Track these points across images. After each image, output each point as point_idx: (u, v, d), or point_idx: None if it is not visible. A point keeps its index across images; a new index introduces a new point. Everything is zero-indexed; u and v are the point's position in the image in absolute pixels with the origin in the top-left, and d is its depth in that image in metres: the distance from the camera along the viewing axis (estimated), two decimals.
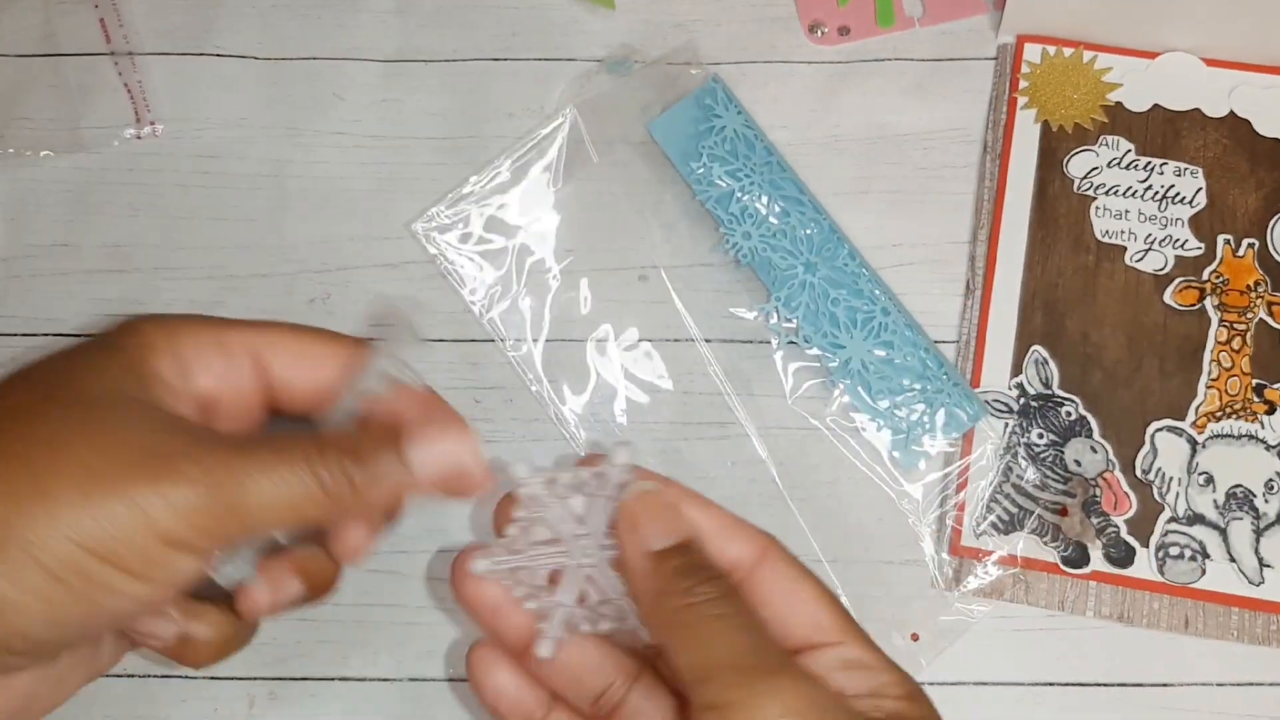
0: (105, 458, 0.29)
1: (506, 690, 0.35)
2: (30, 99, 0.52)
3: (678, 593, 0.30)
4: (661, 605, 0.30)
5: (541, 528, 0.34)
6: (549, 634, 0.34)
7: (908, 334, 0.47)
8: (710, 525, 0.33)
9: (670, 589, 0.30)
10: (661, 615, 0.30)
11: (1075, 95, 0.50)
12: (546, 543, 0.34)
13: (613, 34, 0.53)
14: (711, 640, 0.29)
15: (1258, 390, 0.47)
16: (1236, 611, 0.44)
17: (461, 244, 0.50)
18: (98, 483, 0.28)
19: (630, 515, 0.32)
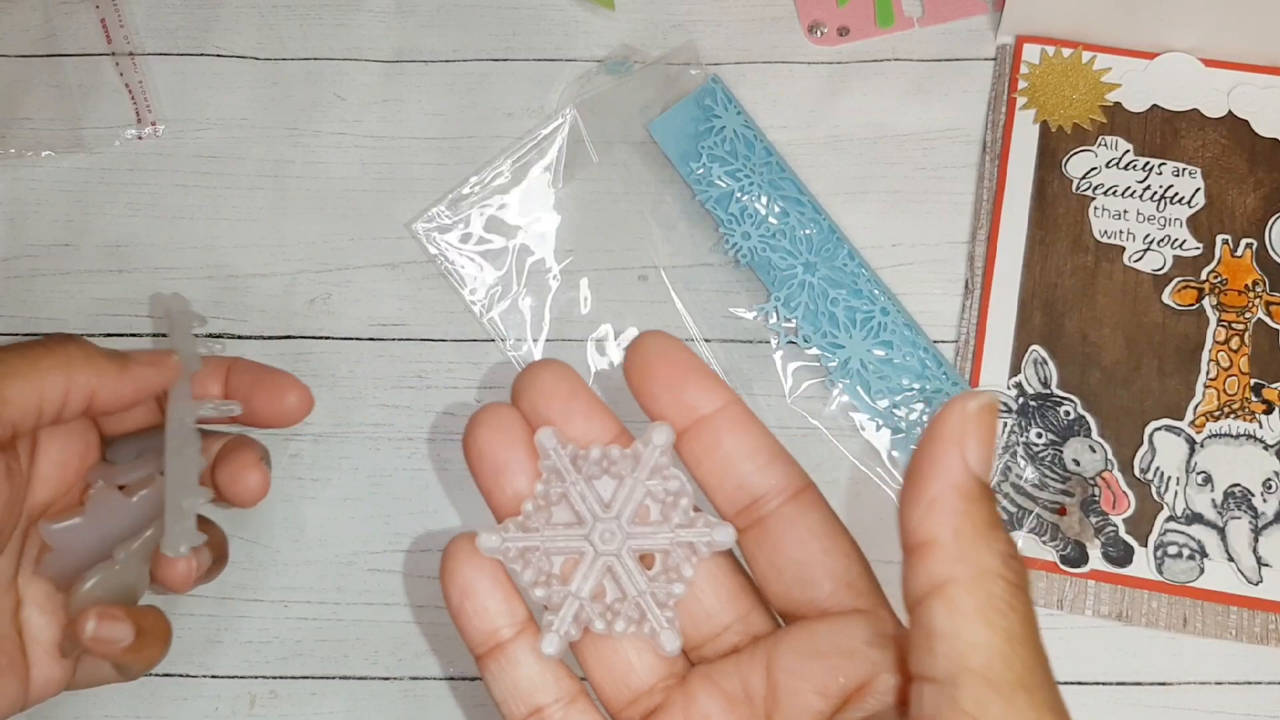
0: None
1: (477, 592, 0.31)
2: (31, 99, 0.52)
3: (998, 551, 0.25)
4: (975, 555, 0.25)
5: (562, 508, 0.31)
6: (556, 628, 0.30)
7: (907, 334, 0.47)
8: (753, 444, 0.31)
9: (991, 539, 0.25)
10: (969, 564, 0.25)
11: (1074, 95, 0.51)
12: (565, 525, 0.31)
13: (613, 34, 0.53)
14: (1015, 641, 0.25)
15: (1256, 390, 0.47)
16: (1235, 610, 0.44)
17: (462, 244, 0.50)
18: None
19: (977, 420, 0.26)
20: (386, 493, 0.47)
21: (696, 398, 0.31)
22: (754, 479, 0.30)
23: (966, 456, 0.25)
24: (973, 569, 0.25)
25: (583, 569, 0.31)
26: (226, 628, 0.46)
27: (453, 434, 0.48)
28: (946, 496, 0.25)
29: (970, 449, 0.25)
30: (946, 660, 0.24)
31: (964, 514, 0.25)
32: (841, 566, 0.30)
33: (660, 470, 0.31)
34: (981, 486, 0.26)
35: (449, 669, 0.46)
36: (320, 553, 0.47)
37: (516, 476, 0.31)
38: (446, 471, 0.48)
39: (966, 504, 0.25)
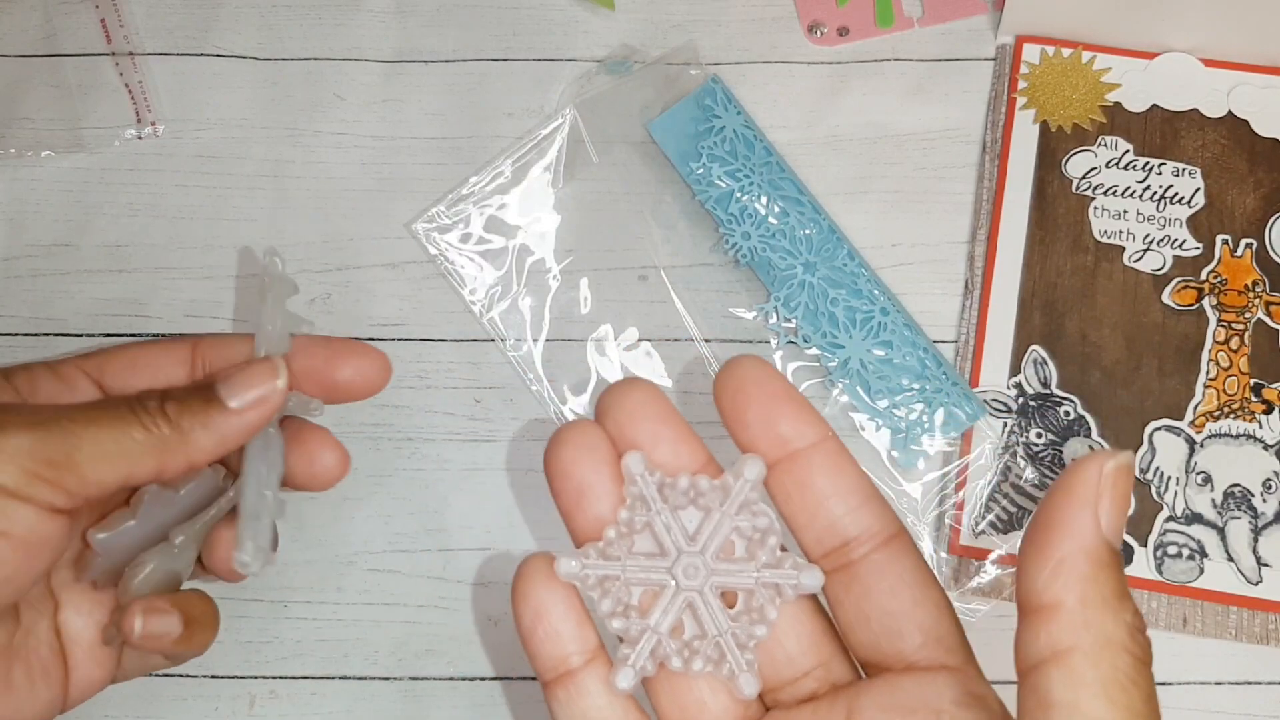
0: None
1: (550, 615, 0.29)
2: (31, 99, 0.52)
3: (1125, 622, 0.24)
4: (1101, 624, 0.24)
5: (645, 537, 0.30)
6: (632, 663, 0.29)
7: (906, 334, 0.47)
8: (847, 484, 0.29)
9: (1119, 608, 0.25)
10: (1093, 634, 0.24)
11: (1074, 95, 0.51)
12: (647, 555, 0.29)
13: (613, 34, 0.53)
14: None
15: (1256, 390, 0.47)
16: (1234, 610, 0.45)
17: (461, 244, 0.50)
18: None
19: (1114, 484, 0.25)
20: (386, 493, 0.47)
21: (790, 430, 0.30)
22: (845, 521, 0.29)
23: (1100, 518, 0.25)
24: (1097, 639, 0.24)
25: (663, 603, 0.29)
26: (226, 628, 0.46)
27: (453, 434, 0.48)
28: (1075, 559, 0.24)
29: (1104, 511, 0.25)
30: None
31: (1092, 580, 0.24)
32: (932, 620, 0.28)
33: (749, 506, 0.29)
34: (1113, 553, 0.25)
35: (449, 669, 0.46)
36: (320, 553, 0.47)
37: (600, 500, 0.30)
38: (446, 471, 0.48)
39: (1096, 569, 0.24)
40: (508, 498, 0.47)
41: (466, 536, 0.47)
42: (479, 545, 0.47)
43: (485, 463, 0.48)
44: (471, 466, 0.48)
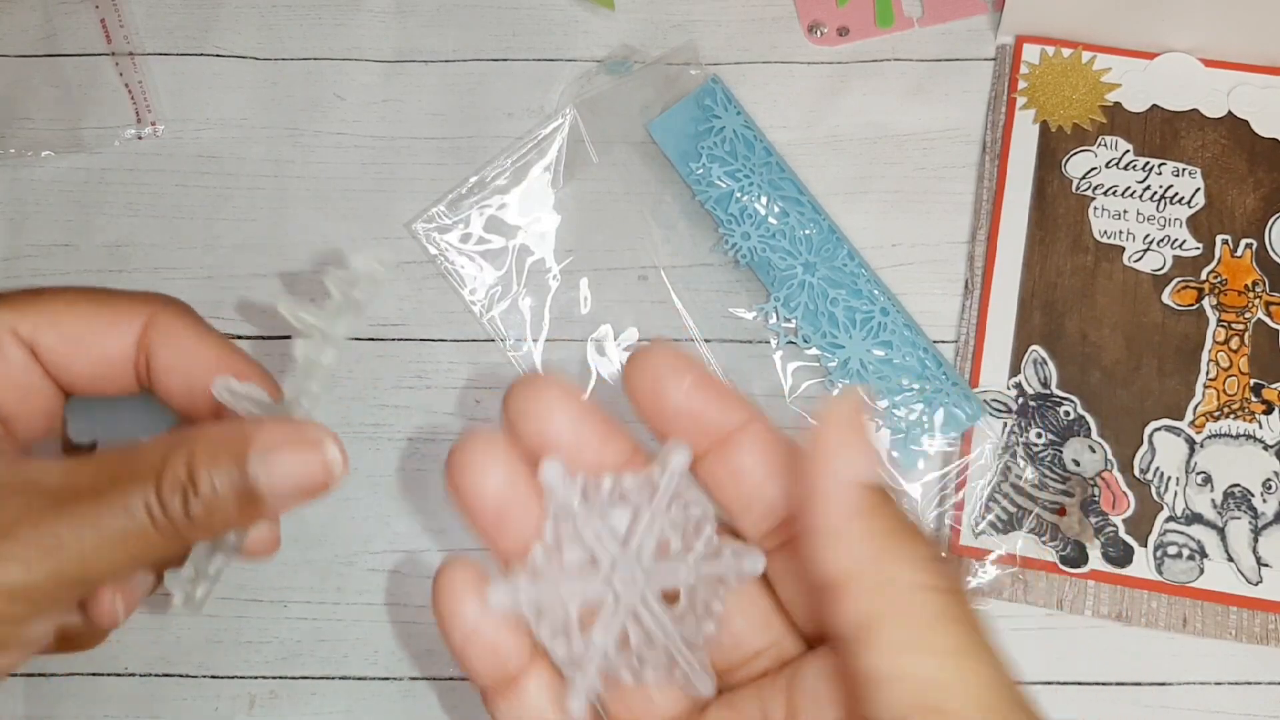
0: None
1: (481, 631, 0.27)
2: (31, 99, 0.52)
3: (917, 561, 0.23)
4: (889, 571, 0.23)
5: (575, 547, 0.28)
6: (580, 686, 0.27)
7: (906, 334, 0.47)
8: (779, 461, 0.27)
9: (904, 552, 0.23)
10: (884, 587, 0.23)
11: (1074, 95, 0.51)
12: (581, 569, 0.28)
13: (613, 34, 0.53)
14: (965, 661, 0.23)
15: (1256, 390, 0.47)
16: (1234, 611, 0.45)
17: (461, 244, 0.50)
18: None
19: (841, 428, 0.24)
20: (386, 493, 0.47)
21: (716, 416, 0.27)
22: (782, 499, 0.27)
23: (850, 470, 0.23)
24: (894, 595, 0.23)
25: (604, 619, 0.27)
26: (226, 628, 0.46)
27: (452, 434, 0.48)
28: (843, 525, 0.23)
29: (849, 462, 0.24)
30: (895, 708, 0.22)
31: (866, 536, 0.23)
32: None
33: (679, 497, 0.28)
34: (875, 495, 0.23)
35: (449, 669, 0.46)
36: (320, 553, 0.47)
37: (520, 519, 0.27)
38: None
39: (866, 524, 0.23)
40: None
41: (466, 537, 0.47)
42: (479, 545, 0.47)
43: None
44: None
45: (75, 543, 0.26)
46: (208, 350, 0.31)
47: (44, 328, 0.30)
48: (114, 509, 0.26)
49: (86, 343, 0.31)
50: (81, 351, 0.31)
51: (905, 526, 0.23)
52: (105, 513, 0.26)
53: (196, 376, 0.31)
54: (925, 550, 0.23)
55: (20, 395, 0.30)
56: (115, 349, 0.31)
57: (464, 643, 0.27)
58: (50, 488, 0.27)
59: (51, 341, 0.30)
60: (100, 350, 0.31)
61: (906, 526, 0.23)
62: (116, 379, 0.31)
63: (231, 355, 0.32)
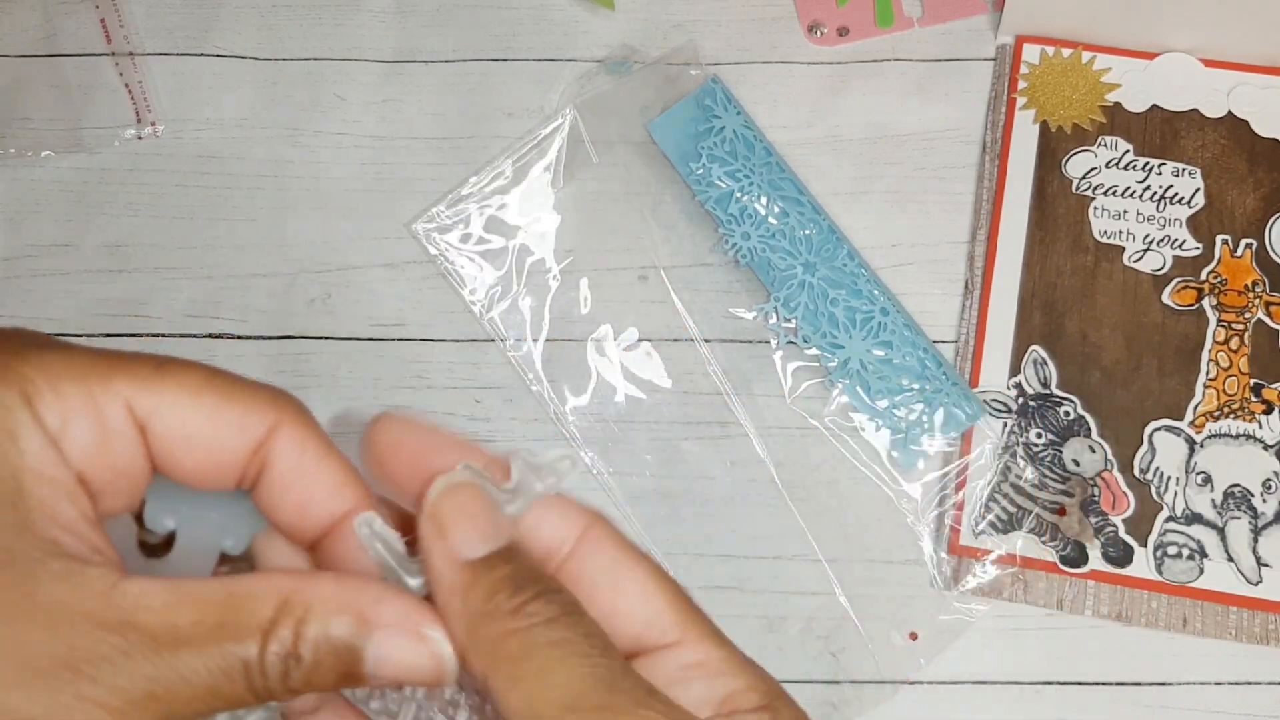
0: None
1: None
2: (31, 99, 0.52)
3: (504, 614, 0.24)
4: (483, 631, 0.24)
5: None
6: None
7: (906, 334, 0.47)
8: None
9: (493, 609, 0.24)
10: (483, 645, 0.24)
11: (1074, 95, 0.51)
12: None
13: (613, 34, 0.53)
14: (548, 674, 0.23)
15: (1255, 390, 0.47)
16: (1234, 611, 0.44)
17: (462, 244, 0.50)
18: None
19: (437, 515, 0.25)
20: None
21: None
22: (530, 537, 0.27)
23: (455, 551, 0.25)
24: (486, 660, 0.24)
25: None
26: None
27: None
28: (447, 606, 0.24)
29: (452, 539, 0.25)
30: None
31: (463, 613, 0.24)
32: (639, 606, 0.26)
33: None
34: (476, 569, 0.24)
35: None
36: None
37: None
38: None
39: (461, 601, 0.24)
40: None
41: None
42: None
43: None
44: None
45: (168, 696, 0.24)
46: (331, 472, 0.28)
47: (164, 411, 0.27)
48: (212, 662, 0.24)
49: (205, 438, 0.27)
50: (197, 446, 0.27)
51: (507, 582, 0.24)
52: (204, 666, 0.24)
53: (314, 499, 0.28)
54: (520, 597, 0.24)
55: (114, 475, 0.27)
56: (231, 449, 0.27)
57: None
58: (149, 628, 0.24)
59: (168, 428, 0.27)
60: (217, 448, 0.27)
61: (508, 581, 0.24)
62: (220, 477, 0.28)
63: (357, 482, 0.29)
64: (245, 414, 0.27)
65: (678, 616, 0.26)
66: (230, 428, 0.27)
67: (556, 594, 0.24)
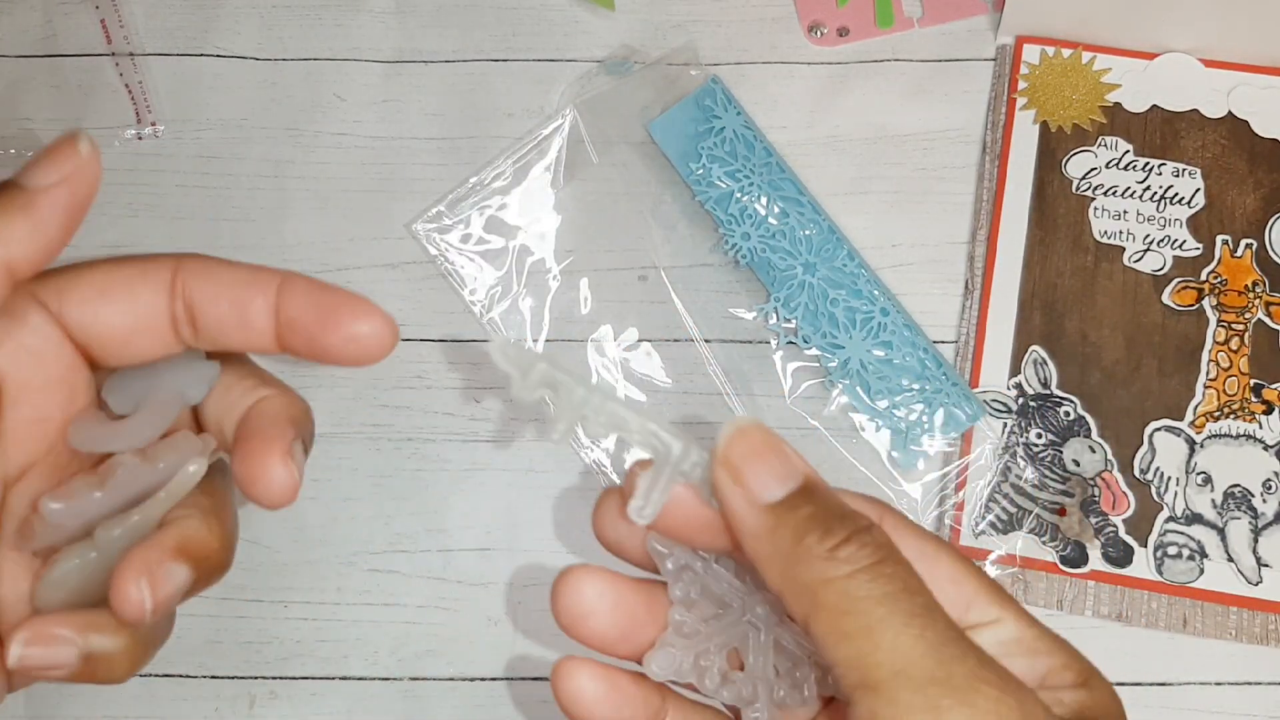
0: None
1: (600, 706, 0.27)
2: (31, 99, 0.52)
3: (817, 559, 0.23)
4: (799, 576, 0.24)
5: (706, 601, 0.29)
6: (673, 657, 0.28)
7: (906, 334, 0.47)
8: None
9: (804, 553, 0.24)
10: (801, 591, 0.24)
11: (1074, 96, 0.51)
12: (717, 616, 0.28)
13: (613, 34, 0.53)
14: (876, 635, 0.22)
15: (1256, 390, 0.47)
16: (1235, 611, 0.45)
17: (462, 244, 0.50)
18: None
19: (730, 461, 0.25)
20: (386, 493, 0.47)
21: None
22: None
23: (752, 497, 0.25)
24: (808, 597, 0.23)
25: (726, 620, 0.28)
26: (226, 628, 0.46)
27: (452, 434, 0.48)
28: (755, 550, 0.24)
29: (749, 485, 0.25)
30: (843, 692, 0.23)
31: (774, 555, 0.24)
32: (951, 590, 0.27)
33: None
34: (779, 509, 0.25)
35: (449, 669, 0.46)
36: (320, 553, 0.47)
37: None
38: (446, 472, 0.48)
39: (771, 542, 0.24)
40: (508, 498, 0.47)
41: (466, 536, 0.47)
42: (479, 545, 0.47)
43: (485, 463, 0.48)
44: (471, 466, 0.48)
45: None
46: (244, 274, 0.30)
47: (69, 290, 0.28)
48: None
49: (115, 297, 0.29)
50: (112, 309, 0.29)
51: (814, 523, 0.24)
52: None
53: (244, 300, 0.29)
54: (830, 540, 0.24)
55: (42, 367, 0.28)
56: (147, 300, 0.29)
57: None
58: None
59: (80, 299, 0.28)
60: (131, 304, 0.29)
61: (816, 523, 0.24)
62: (153, 334, 0.29)
63: (268, 273, 0.30)
64: (144, 267, 0.29)
65: (992, 596, 0.27)
66: (138, 280, 0.29)
67: (868, 534, 0.24)
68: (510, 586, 0.46)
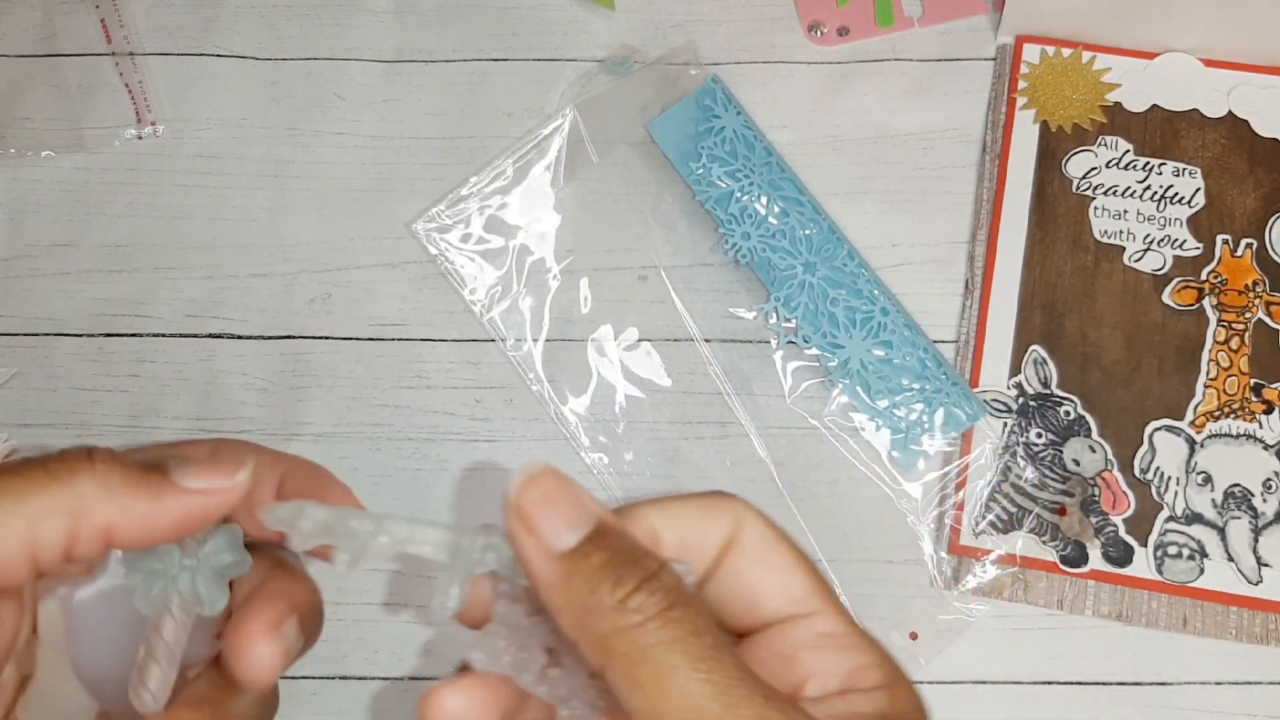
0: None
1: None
2: (31, 99, 0.52)
3: (608, 610, 0.23)
4: (592, 627, 0.24)
5: (530, 598, 0.28)
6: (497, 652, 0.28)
7: (906, 334, 0.47)
8: (671, 520, 0.27)
9: (597, 604, 0.24)
10: (594, 641, 0.24)
11: (1074, 95, 0.51)
12: (540, 613, 0.28)
13: (613, 34, 0.53)
14: (665, 681, 0.23)
15: (1256, 390, 0.47)
16: (1235, 610, 0.44)
17: (462, 244, 0.50)
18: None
19: (521, 509, 0.25)
20: (386, 493, 0.47)
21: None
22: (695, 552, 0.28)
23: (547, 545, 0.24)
24: (603, 649, 0.23)
25: (570, 651, 0.28)
26: None
27: (452, 434, 0.48)
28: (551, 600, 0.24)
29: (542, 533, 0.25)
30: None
31: (568, 605, 0.24)
32: (781, 582, 0.27)
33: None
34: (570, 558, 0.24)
35: (449, 669, 0.46)
36: None
37: None
38: (446, 472, 0.48)
39: (565, 591, 0.24)
40: None
41: None
42: None
43: (485, 463, 0.48)
44: (471, 466, 0.48)
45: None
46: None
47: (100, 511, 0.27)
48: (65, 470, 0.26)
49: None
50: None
51: (606, 572, 0.24)
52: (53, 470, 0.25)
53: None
54: (621, 590, 0.24)
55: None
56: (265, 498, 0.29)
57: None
58: None
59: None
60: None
61: (608, 571, 0.24)
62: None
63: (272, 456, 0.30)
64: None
65: (816, 590, 0.27)
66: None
67: (658, 580, 0.24)
68: None
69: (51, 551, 0.26)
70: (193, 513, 0.27)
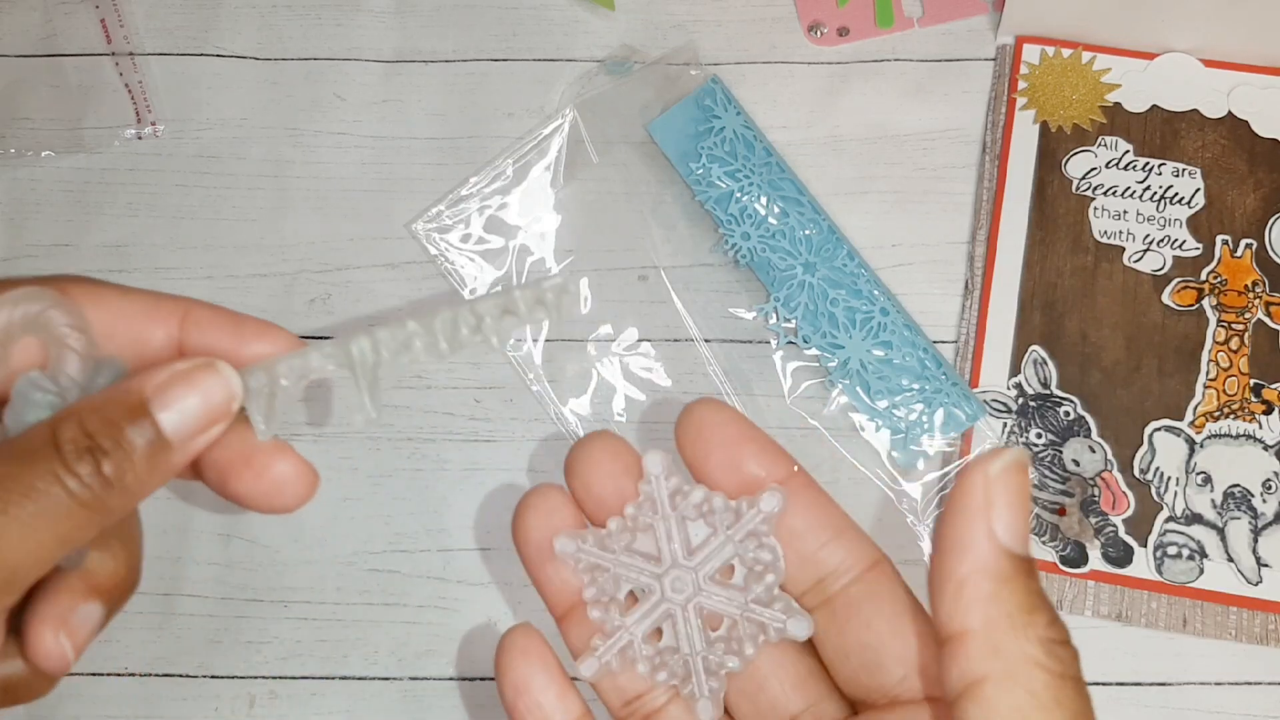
0: None
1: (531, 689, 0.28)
2: (31, 99, 0.52)
3: (1034, 641, 0.23)
4: (1007, 644, 0.23)
5: (647, 537, 0.29)
6: (599, 655, 0.29)
7: (906, 334, 0.47)
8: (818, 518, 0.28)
9: (1025, 627, 0.23)
10: (998, 655, 0.23)
11: (1074, 96, 0.51)
12: (644, 556, 0.29)
13: (613, 34, 0.53)
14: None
15: (1255, 390, 0.47)
16: (1234, 611, 0.45)
17: (462, 244, 0.50)
18: None
19: (990, 488, 0.24)
20: (386, 493, 0.47)
21: (757, 469, 0.29)
22: (820, 555, 0.28)
23: (995, 529, 0.23)
24: (1007, 663, 0.23)
25: (644, 607, 0.29)
26: (226, 628, 0.46)
27: (452, 434, 0.48)
28: (975, 580, 0.23)
29: (999, 520, 0.23)
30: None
31: (995, 599, 0.23)
32: (912, 651, 0.27)
33: (758, 535, 0.29)
34: (1015, 563, 0.23)
35: (449, 669, 0.46)
36: (320, 553, 0.47)
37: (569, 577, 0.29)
38: (446, 472, 0.48)
39: (998, 587, 0.23)
40: (508, 498, 0.47)
41: (466, 536, 0.47)
42: (479, 545, 0.47)
43: (485, 463, 0.48)
44: (471, 466, 0.48)
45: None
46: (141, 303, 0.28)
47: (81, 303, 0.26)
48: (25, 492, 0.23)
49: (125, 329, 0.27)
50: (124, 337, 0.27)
51: (1040, 604, 0.24)
52: (17, 499, 0.23)
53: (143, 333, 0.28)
54: (1051, 632, 0.23)
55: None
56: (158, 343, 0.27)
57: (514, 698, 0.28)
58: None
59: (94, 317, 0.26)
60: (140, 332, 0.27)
61: (1039, 603, 0.24)
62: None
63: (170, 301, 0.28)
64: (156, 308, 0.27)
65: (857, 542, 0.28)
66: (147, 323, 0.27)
67: (1068, 643, 0.24)
68: (510, 586, 0.46)
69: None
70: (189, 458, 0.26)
